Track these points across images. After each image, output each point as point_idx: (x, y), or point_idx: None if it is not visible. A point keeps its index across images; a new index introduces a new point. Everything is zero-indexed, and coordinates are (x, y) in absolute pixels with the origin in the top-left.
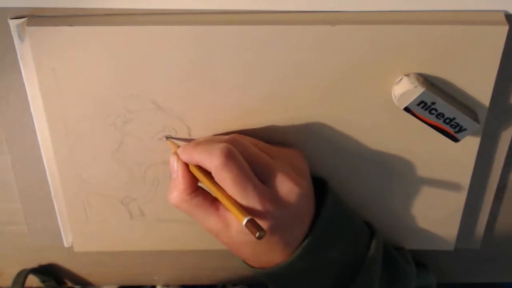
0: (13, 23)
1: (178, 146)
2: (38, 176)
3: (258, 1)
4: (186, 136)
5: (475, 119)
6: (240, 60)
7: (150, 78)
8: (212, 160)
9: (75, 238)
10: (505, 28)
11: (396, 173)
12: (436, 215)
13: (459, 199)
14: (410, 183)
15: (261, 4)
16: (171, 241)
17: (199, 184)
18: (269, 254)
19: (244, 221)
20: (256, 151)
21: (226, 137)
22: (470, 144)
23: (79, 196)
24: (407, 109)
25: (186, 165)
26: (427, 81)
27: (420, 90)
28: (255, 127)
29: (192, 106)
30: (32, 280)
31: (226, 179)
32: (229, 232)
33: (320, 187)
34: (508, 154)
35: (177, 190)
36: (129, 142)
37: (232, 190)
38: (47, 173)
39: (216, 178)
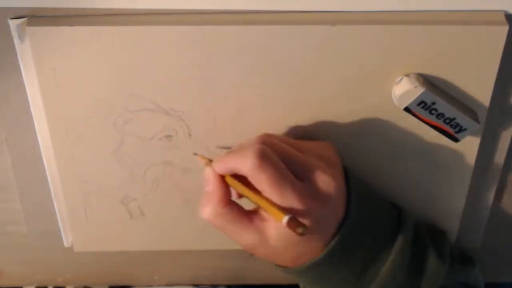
0: (13, 23)
1: (209, 160)
2: (38, 176)
3: (258, 1)
4: (187, 136)
5: (475, 119)
6: (240, 60)
7: (150, 78)
8: (246, 163)
9: (75, 238)
10: (505, 28)
11: (396, 173)
12: (436, 215)
13: (459, 199)
14: (409, 183)
15: (261, 4)
16: (171, 241)
17: (232, 198)
18: (310, 253)
19: (285, 219)
20: (288, 148)
21: (256, 137)
22: (470, 144)
23: (79, 196)
24: (407, 109)
25: (222, 176)
26: (427, 81)
27: (420, 90)
28: (254, 127)
29: (192, 106)
30: (32, 280)
31: (262, 180)
32: (267, 242)
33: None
34: (508, 154)
35: (211, 203)
36: (129, 142)
37: (270, 191)
38: (47, 173)
39: (252, 181)
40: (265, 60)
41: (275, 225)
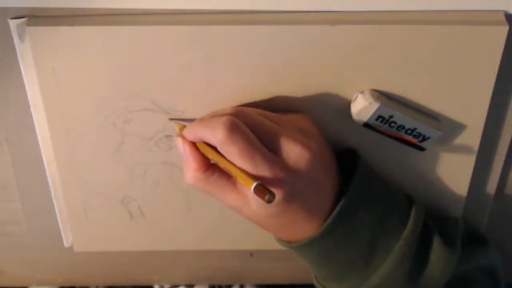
0: (13, 23)
1: (183, 126)
2: (38, 176)
3: (258, 1)
4: None
5: (437, 127)
6: (240, 60)
7: (150, 78)
8: (216, 135)
9: (75, 238)
10: (505, 28)
11: (396, 173)
12: (437, 215)
13: (459, 199)
14: (409, 184)
15: (261, 4)
16: (171, 241)
17: (213, 161)
18: (294, 225)
19: (252, 186)
20: (261, 119)
21: (229, 108)
22: (470, 144)
23: (79, 196)
24: (366, 125)
25: (193, 144)
26: (383, 95)
27: (375, 106)
28: None
29: (192, 106)
30: (32, 280)
31: (232, 152)
32: (250, 206)
33: (350, 159)
34: (508, 154)
35: (190, 170)
36: (129, 142)
37: (240, 162)
38: (47, 173)
39: (222, 152)
40: (265, 60)
41: None
